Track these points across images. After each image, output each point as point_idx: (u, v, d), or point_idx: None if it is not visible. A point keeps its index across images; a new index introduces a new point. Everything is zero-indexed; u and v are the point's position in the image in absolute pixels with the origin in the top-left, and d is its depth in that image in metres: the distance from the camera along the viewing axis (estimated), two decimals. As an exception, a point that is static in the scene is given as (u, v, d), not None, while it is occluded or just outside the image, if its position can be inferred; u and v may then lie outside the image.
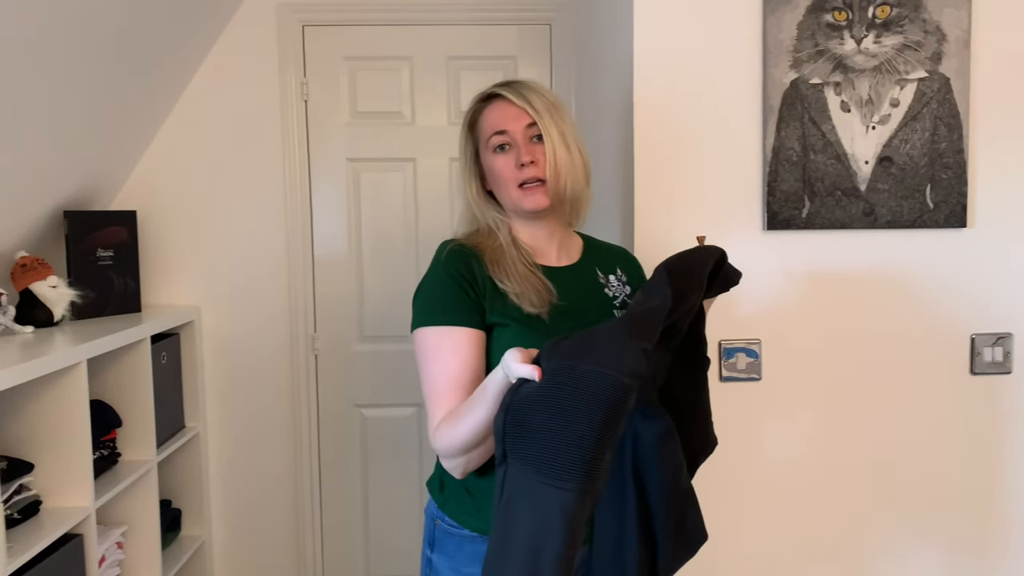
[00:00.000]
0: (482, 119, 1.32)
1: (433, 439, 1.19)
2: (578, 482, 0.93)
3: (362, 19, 2.55)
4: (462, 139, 1.36)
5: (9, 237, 2.03)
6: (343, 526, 2.67)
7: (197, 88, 2.51)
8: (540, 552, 0.94)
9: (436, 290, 1.25)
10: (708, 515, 1.45)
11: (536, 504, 0.95)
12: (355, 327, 2.63)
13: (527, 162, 1.26)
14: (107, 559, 2.00)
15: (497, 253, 1.28)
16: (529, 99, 1.27)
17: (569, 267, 1.35)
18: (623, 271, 1.41)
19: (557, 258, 1.35)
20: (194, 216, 2.55)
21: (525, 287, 1.25)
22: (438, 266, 1.27)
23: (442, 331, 1.22)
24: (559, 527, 0.93)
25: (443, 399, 1.19)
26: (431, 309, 1.24)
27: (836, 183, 1.70)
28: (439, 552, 1.29)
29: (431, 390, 1.21)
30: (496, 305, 1.24)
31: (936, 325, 1.75)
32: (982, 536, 1.79)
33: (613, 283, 1.38)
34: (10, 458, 1.74)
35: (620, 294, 1.37)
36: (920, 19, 1.68)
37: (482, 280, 1.25)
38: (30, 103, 1.77)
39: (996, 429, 1.77)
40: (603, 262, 1.40)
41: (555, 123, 1.27)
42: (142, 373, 2.14)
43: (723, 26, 1.69)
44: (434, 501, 1.33)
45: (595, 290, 1.35)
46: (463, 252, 1.28)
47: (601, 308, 1.33)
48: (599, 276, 1.37)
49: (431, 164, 2.60)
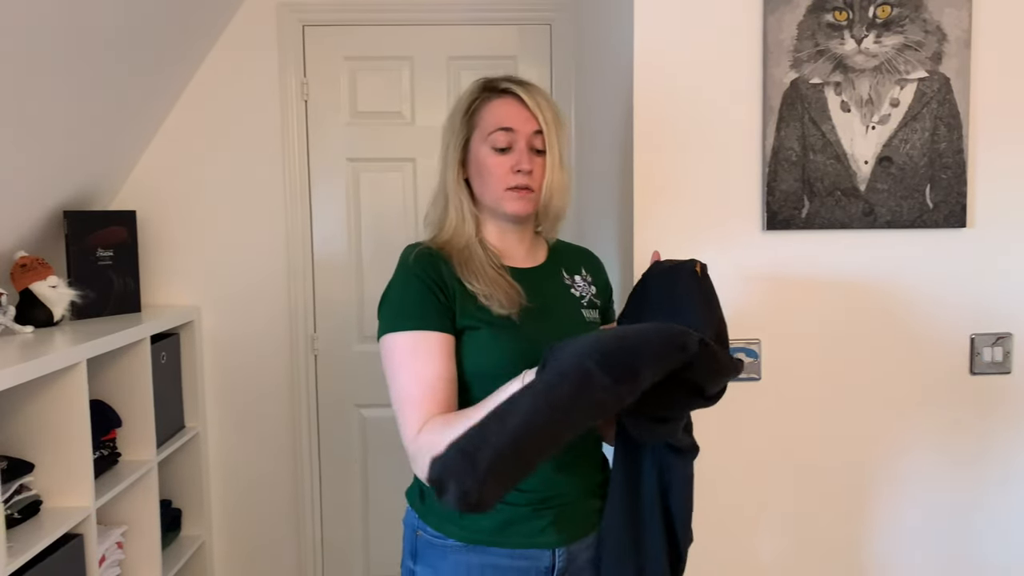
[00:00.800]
0: (486, 111, 1.29)
1: (413, 445, 1.15)
2: (607, 376, 0.91)
3: (362, 19, 2.55)
4: (455, 123, 1.32)
5: (9, 237, 2.03)
6: (343, 526, 2.67)
7: (197, 88, 2.51)
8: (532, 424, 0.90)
9: (405, 294, 1.22)
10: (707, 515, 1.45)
11: (553, 389, 0.92)
12: (355, 327, 2.63)
13: (527, 170, 1.26)
14: (107, 559, 2.00)
15: (464, 255, 1.27)
16: (541, 107, 1.27)
17: (535, 268, 1.35)
18: (588, 271, 1.42)
19: (524, 260, 1.35)
20: (194, 216, 2.55)
21: (494, 289, 1.24)
22: (406, 270, 1.25)
23: (414, 336, 1.19)
24: (566, 406, 0.91)
25: (419, 406, 1.15)
26: (401, 314, 1.21)
27: (836, 183, 1.70)
28: (423, 564, 1.27)
29: (405, 396, 1.17)
30: (467, 308, 1.23)
31: (936, 325, 1.75)
32: (982, 536, 1.79)
33: (579, 283, 1.38)
34: (10, 458, 1.74)
35: (586, 293, 1.37)
36: (921, 19, 1.68)
37: (451, 283, 1.23)
38: (30, 103, 1.77)
39: (996, 429, 1.77)
40: (568, 263, 1.40)
41: (558, 139, 1.28)
42: (142, 373, 2.15)
43: (723, 26, 1.69)
44: (414, 511, 1.31)
45: (561, 290, 1.35)
46: (431, 255, 1.26)
47: (569, 308, 1.33)
48: (564, 277, 1.37)
49: (431, 164, 2.60)
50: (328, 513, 2.67)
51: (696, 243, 1.71)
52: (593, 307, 1.36)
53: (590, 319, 1.34)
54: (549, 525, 1.24)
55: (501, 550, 1.22)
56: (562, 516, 1.25)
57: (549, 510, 1.24)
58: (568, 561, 1.26)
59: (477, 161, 1.29)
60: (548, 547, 1.24)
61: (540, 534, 1.24)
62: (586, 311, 1.34)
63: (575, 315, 1.33)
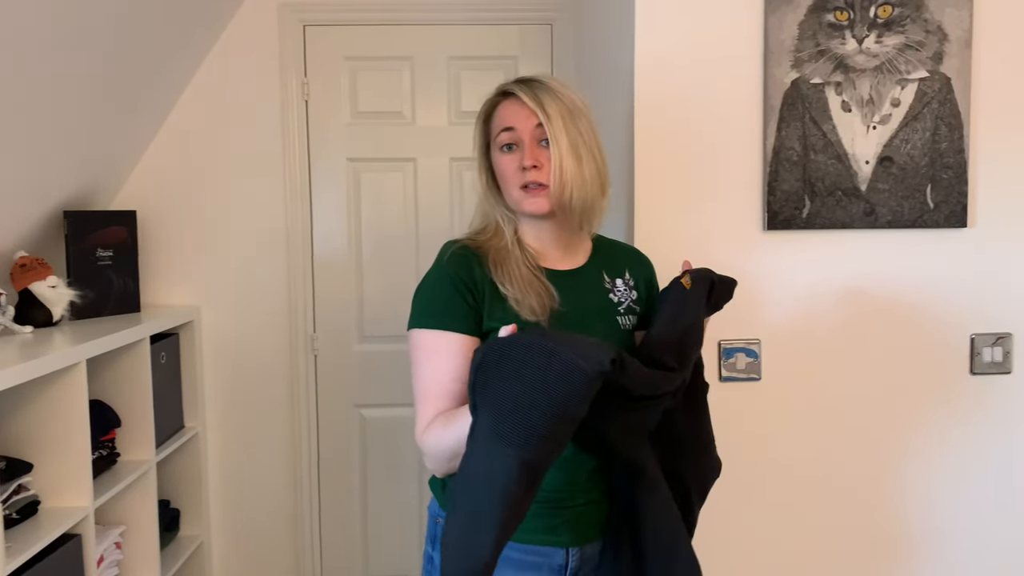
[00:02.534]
0: (495, 115, 1.31)
1: (420, 439, 1.21)
2: (519, 450, 0.95)
3: (363, 19, 2.55)
4: (476, 132, 1.34)
5: (9, 237, 2.02)
6: (342, 526, 2.67)
7: (198, 88, 2.51)
8: (478, 514, 0.98)
9: (435, 292, 1.25)
10: (706, 515, 1.45)
11: (485, 462, 0.98)
12: (355, 327, 2.63)
13: (529, 165, 1.25)
14: (106, 559, 2.00)
15: (502, 254, 1.27)
16: (542, 101, 1.24)
17: (573, 271, 1.33)
18: (632, 274, 1.39)
19: (562, 261, 1.33)
20: (194, 216, 2.54)
21: (526, 292, 1.23)
22: (440, 267, 1.27)
23: (436, 335, 1.22)
24: (498, 489, 0.96)
25: (431, 402, 1.20)
26: (428, 311, 1.24)
27: (836, 183, 1.70)
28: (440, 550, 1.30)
29: (420, 391, 1.22)
30: (495, 311, 1.23)
31: (936, 325, 1.75)
32: (982, 535, 1.79)
33: (619, 287, 1.36)
34: (9, 458, 1.74)
35: (626, 299, 1.35)
36: (921, 19, 1.67)
37: (482, 284, 1.24)
38: (30, 103, 1.77)
39: (996, 429, 1.77)
40: (611, 265, 1.38)
41: (566, 130, 1.23)
42: (141, 373, 2.14)
43: (724, 26, 1.69)
44: (436, 500, 1.33)
45: (599, 295, 1.33)
46: (466, 255, 1.27)
47: (603, 313, 1.32)
48: (605, 280, 1.35)
49: (431, 164, 2.60)
50: (327, 513, 2.66)
51: (696, 243, 1.71)
52: (632, 312, 1.34)
53: (625, 326, 1.32)
54: (562, 524, 1.25)
55: (515, 544, 1.23)
56: (575, 517, 1.26)
57: (562, 511, 1.25)
58: (581, 562, 1.26)
59: (496, 166, 1.31)
60: (561, 546, 1.25)
61: (553, 533, 1.25)
62: (622, 317, 1.33)
63: (609, 322, 1.31)
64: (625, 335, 1.32)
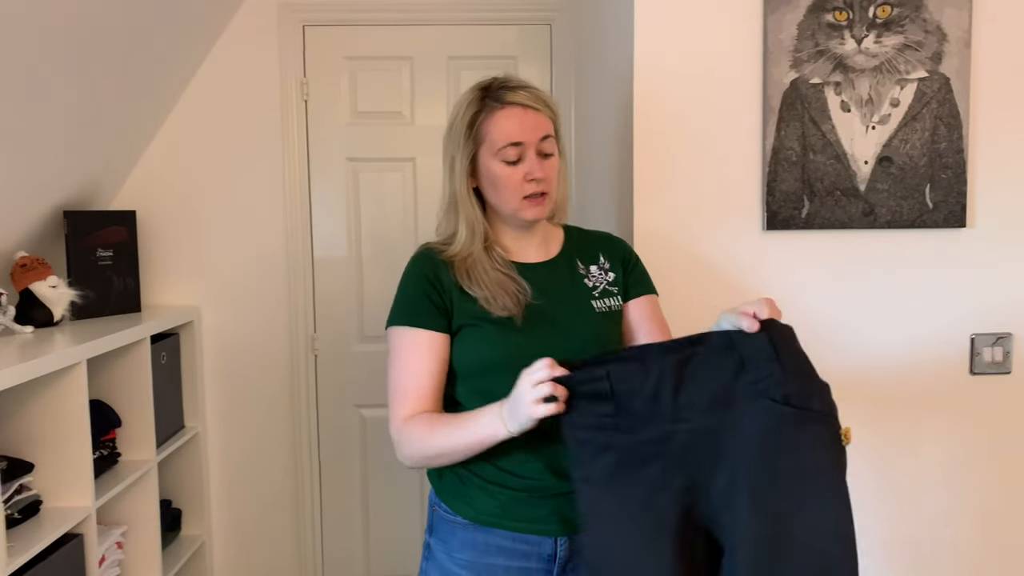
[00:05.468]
0: (492, 124, 1.27)
1: (395, 431, 1.27)
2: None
3: (362, 19, 2.55)
4: (458, 137, 1.30)
5: (9, 237, 2.03)
6: (343, 526, 2.67)
7: (197, 88, 2.51)
8: None
9: (406, 291, 1.32)
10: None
11: None
12: (355, 327, 2.63)
13: (541, 177, 1.28)
14: (107, 559, 2.00)
15: (468, 262, 1.31)
16: (551, 107, 1.31)
17: (546, 262, 1.37)
18: (605, 257, 1.41)
19: (535, 254, 1.37)
20: (194, 216, 2.54)
21: (496, 292, 1.27)
22: (410, 267, 1.34)
23: (407, 331, 1.29)
24: None
25: (404, 397, 1.27)
26: (399, 309, 1.31)
27: (836, 183, 1.70)
28: (436, 537, 1.34)
29: (394, 386, 1.29)
30: (464, 308, 1.28)
31: (936, 325, 1.75)
32: (982, 535, 1.79)
33: (594, 273, 1.39)
34: (10, 458, 1.74)
35: (601, 282, 1.38)
36: (921, 19, 1.67)
37: (448, 285, 1.29)
38: (30, 103, 1.77)
39: (996, 429, 1.77)
40: (584, 252, 1.41)
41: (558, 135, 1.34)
42: (142, 373, 2.14)
43: (723, 26, 1.69)
44: (433, 489, 1.36)
45: (572, 281, 1.36)
46: (431, 257, 1.33)
47: (578, 301, 1.34)
48: (579, 267, 1.38)
49: (431, 164, 2.60)
50: (328, 513, 2.67)
51: (696, 243, 1.71)
52: (608, 295, 1.37)
53: (600, 309, 1.35)
54: (550, 514, 1.26)
55: (505, 532, 1.27)
56: (562, 506, 1.26)
57: (548, 499, 1.26)
58: (570, 551, 1.27)
59: (490, 174, 1.30)
60: (549, 535, 1.27)
61: (541, 521, 1.27)
62: (597, 301, 1.35)
63: (583, 308, 1.34)
64: (600, 317, 1.34)
